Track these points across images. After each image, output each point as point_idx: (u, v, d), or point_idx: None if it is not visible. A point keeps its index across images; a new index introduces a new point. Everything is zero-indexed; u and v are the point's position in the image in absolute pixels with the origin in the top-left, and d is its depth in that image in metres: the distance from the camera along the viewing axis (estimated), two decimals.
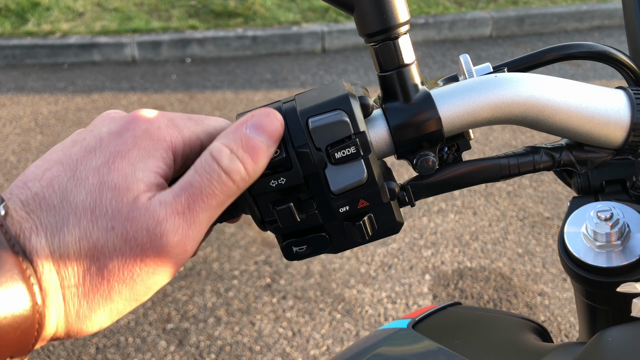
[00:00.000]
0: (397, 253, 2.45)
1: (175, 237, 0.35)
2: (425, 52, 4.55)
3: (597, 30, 4.89)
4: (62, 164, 0.36)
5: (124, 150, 0.36)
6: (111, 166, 0.36)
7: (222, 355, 2.00)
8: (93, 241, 0.34)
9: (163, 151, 0.37)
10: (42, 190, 0.35)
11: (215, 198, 0.36)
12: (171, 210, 0.35)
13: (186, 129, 0.39)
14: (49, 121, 3.66)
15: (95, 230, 0.34)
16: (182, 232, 0.35)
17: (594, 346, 0.47)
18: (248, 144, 0.37)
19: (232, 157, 0.36)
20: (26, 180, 0.36)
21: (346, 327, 2.09)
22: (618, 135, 0.43)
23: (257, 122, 0.38)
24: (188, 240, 0.36)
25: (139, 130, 0.37)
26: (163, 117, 0.39)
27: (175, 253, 0.35)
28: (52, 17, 4.76)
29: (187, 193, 0.36)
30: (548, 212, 2.67)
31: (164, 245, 0.35)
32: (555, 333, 2.06)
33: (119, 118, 0.39)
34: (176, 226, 0.35)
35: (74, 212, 0.34)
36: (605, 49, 0.49)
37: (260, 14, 4.82)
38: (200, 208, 0.36)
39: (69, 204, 0.34)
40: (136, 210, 0.34)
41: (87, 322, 0.35)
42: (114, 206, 0.34)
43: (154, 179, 0.36)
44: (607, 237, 0.56)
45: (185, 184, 0.36)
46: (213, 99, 3.90)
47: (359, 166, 0.38)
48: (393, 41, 0.41)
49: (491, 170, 0.44)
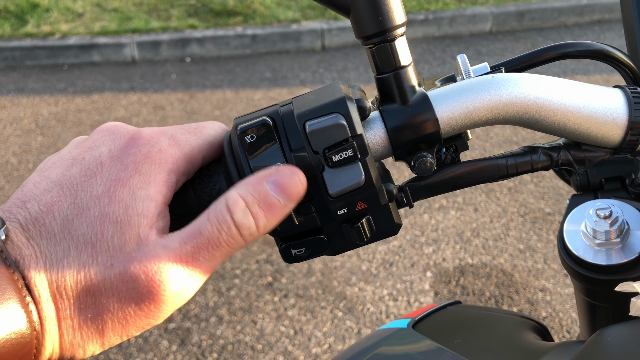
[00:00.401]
0: (398, 250, 2.45)
1: (174, 286, 0.35)
2: (425, 48, 4.55)
3: (597, 25, 4.88)
4: (61, 187, 0.36)
5: (125, 177, 0.36)
6: (112, 196, 0.35)
7: (224, 354, 2.01)
8: (91, 276, 0.34)
9: (165, 174, 0.37)
10: (42, 215, 0.35)
11: (221, 250, 0.36)
12: (174, 256, 0.34)
13: (187, 145, 0.39)
14: (50, 122, 3.66)
15: (94, 265, 0.34)
16: (182, 282, 0.35)
17: (593, 345, 0.47)
18: (266, 200, 0.36)
19: (246, 211, 0.36)
20: (25, 200, 0.36)
21: (348, 325, 2.09)
22: (616, 135, 0.43)
23: (280, 180, 0.37)
24: (186, 290, 0.35)
25: (139, 154, 0.37)
26: (164, 137, 0.38)
27: (172, 301, 0.35)
28: (52, 18, 4.76)
29: (194, 241, 0.35)
30: (549, 208, 2.67)
31: (162, 293, 0.34)
32: (557, 329, 2.07)
33: (120, 137, 0.38)
34: (177, 275, 0.35)
35: (75, 244, 0.34)
36: (602, 47, 0.49)
37: (259, 13, 4.81)
38: (204, 258, 0.35)
39: (69, 235, 0.34)
40: (138, 251, 0.34)
41: (80, 350, 0.35)
42: (115, 243, 0.34)
43: (154, 209, 0.36)
44: (606, 235, 0.56)
45: (194, 232, 0.35)
46: (213, 98, 3.89)
47: (357, 169, 0.38)
48: (389, 43, 0.41)
49: (489, 171, 0.44)
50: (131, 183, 0.36)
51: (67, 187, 0.36)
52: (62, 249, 0.34)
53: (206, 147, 0.40)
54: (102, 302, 0.34)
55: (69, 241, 0.34)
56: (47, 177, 0.37)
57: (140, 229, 0.35)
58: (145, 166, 0.36)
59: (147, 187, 0.36)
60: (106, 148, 0.38)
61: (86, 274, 0.34)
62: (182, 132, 0.40)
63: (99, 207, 0.35)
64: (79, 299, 0.34)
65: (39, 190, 0.36)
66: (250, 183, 0.37)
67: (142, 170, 0.36)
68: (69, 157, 0.38)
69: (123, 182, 0.36)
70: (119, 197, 0.35)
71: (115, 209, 0.35)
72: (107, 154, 0.37)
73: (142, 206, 0.35)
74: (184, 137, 0.39)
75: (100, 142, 0.38)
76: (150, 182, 0.36)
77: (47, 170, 0.37)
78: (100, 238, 0.34)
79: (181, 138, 0.39)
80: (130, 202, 0.35)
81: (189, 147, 0.39)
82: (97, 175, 0.36)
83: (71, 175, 0.36)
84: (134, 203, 0.35)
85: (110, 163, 0.37)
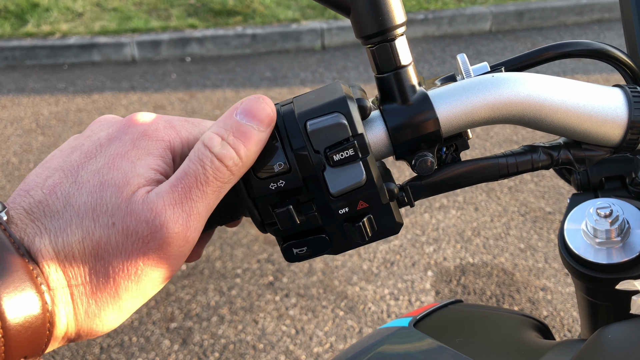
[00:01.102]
0: (399, 250, 2.45)
1: (176, 227, 0.35)
2: (425, 47, 4.54)
3: (597, 24, 4.88)
4: (63, 170, 0.37)
5: (123, 151, 0.37)
6: (111, 166, 0.36)
7: (225, 353, 2.01)
8: (96, 239, 0.34)
9: (162, 150, 0.38)
10: (45, 197, 0.35)
11: (211, 185, 0.36)
12: (169, 200, 0.35)
13: (184, 130, 0.40)
14: (50, 122, 3.66)
15: (97, 228, 0.34)
16: (181, 222, 0.35)
17: (593, 343, 0.47)
18: (239, 130, 0.37)
19: (223, 143, 0.37)
20: (28, 189, 0.36)
21: (349, 324, 2.10)
22: (616, 134, 0.43)
23: (246, 107, 0.38)
24: (189, 230, 0.36)
25: (136, 132, 0.38)
26: (160, 119, 0.40)
27: (177, 244, 0.35)
28: (52, 17, 4.76)
29: (182, 183, 0.36)
30: (550, 207, 2.67)
31: (165, 236, 0.35)
32: (558, 328, 2.07)
33: (116, 122, 0.40)
34: (175, 216, 0.35)
35: (76, 213, 0.35)
36: (602, 46, 0.49)
37: (259, 12, 4.81)
38: (196, 196, 0.36)
39: (71, 207, 0.35)
40: (134, 204, 0.35)
41: (97, 320, 0.35)
42: (113, 202, 0.35)
43: (153, 175, 0.37)
44: (607, 234, 0.56)
45: (180, 174, 0.36)
46: (213, 97, 3.90)
47: (358, 168, 0.39)
48: (390, 43, 0.41)
49: (490, 170, 0.44)
50: (130, 155, 0.37)
51: (69, 169, 0.37)
52: (65, 220, 0.35)
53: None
54: (112, 262, 0.35)
55: (71, 212, 0.35)
56: (49, 167, 0.37)
57: (138, 187, 0.36)
58: (143, 141, 0.38)
59: (145, 158, 0.37)
60: (104, 133, 0.39)
61: (91, 237, 0.34)
62: (180, 120, 0.41)
63: (98, 177, 0.36)
64: (88, 264, 0.34)
65: (41, 179, 0.37)
66: (220, 120, 0.38)
67: (140, 145, 0.37)
68: (69, 147, 0.39)
69: (122, 155, 0.37)
70: (118, 166, 0.36)
71: (115, 175, 0.36)
72: (105, 137, 0.38)
73: (141, 170, 0.36)
74: (181, 123, 0.40)
75: (98, 129, 0.40)
76: (149, 154, 0.37)
77: (48, 162, 0.38)
78: (100, 202, 0.35)
79: (177, 123, 0.40)
80: (130, 168, 0.36)
81: (185, 132, 0.40)
82: (97, 154, 0.37)
83: (72, 159, 0.37)
84: (133, 168, 0.36)
85: (108, 143, 0.38)
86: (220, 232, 2.60)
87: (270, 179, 0.39)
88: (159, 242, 0.35)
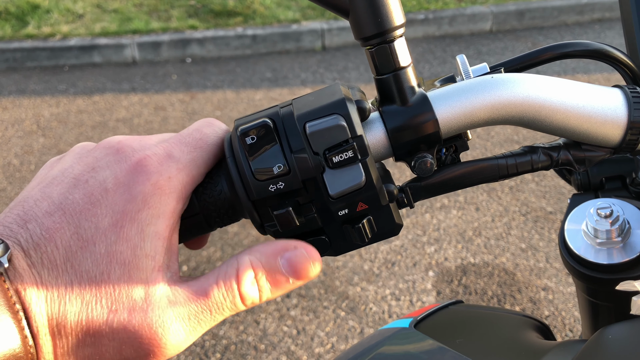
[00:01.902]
0: (400, 250, 2.45)
1: (174, 341, 0.35)
2: (426, 47, 4.54)
3: (597, 23, 4.87)
4: (64, 211, 0.35)
5: (133, 210, 0.35)
6: (119, 232, 0.35)
7: (227, 354, 2.01)
8: (93, 318, 0.34)
9: (174, 203, 0.37)
10: (44, 242, 0.34)
11: (222, 314, 0.36)
12: (179, 315, 0.35)
13: (193, 166, 0.38)
14: (51, 124, 3.66)
15: (97, 307, 0.34)
16: (181, 338, 0.35)
17: (594, 344, 0.47)
18: (274, 276, 0.37)
19: (254, 282, 0.36)
20: (26, 219, 0.34)
21: (350, 325, 2.10)
22: (615, 134, 0.43)
23: (294, 260, 0.37)
24: (183, 344, 0.36)
25: (148, 184, 0.36)
26: (172, 162, 0.37)
27: (168, 354, 0.35)
28: (52, 19, 4.76)
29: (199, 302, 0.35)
30: (551, 207, 2.67)
31: (162, 347, 0.35)
32: (559, 328, 2.06)
33: (125, 158, 0.37)
34: (178, 332, 0.35)
35: (78, 280, 0.34)
36: (602, 47, 0.49)
37: (259, 13, 4.81)
38: (205, 319, 0.36)
39: (72, 269, 0.34)
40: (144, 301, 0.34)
41: None
42: (121, 287, 0.34)
43: (161, 249, 0.35)
44: (607, 234, 0.56)
45: (201, 291, 0.36)
46: (214, 98, 3.90)
47: (357, 170, 0.39)
48: (389, 44, 0.41)
49: (489, 171, 0.44)
50: (139, 218, 0.35)
51: (70, 213, 0.35)
52: (64, 282, 0.33)
53: (210, 159, 0.40)
54: (102, 343, 0.34)
55: (72, 275, 0.34)
56: (49, 196, 0.35)
57: (148, 273, 0.35)
58: (155, 198, 0.36)
59: (155, 223, 0.35)
60: (110, 172, 0.36)
61: (88, 314, 0.33)
62: (189, 150, 0.39)
63: (105, 243, 0.34)
64: (78, 337, 0.33)
65: (41, 211, 0.35)
66: (265, 253, 0.37)
67: (151, 202, 0.35)
68: (71, 175, 0.37)
69: (131, 217, 0.35)
70: (126, 235, 0.34)
71: (123, 249, 0.34)
72: (112, 180, 0.36)
73: (150, 246, 0.35)
74: (190, 155, 0.39)
75: (104, 162, 0.37)
76: (159, 215, 0.36)
77: (47, 186, 0.36)
78: (106, 279, 0.34)
79: (187, 158, 0.38)
80: (139, 242, 0.35)
81: (195, 167, 0.39)
82: (102, 203, 0.35)
83: (73, 199, 0.35)
84: (142, 243, 0.35)
85: (115, 190, 0.36)
86: (222, 233, 2.60)
87: (270, 181, 0.39)
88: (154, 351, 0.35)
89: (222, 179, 0.41)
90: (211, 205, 0.41)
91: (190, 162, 0.38)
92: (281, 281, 0.37)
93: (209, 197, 0.41)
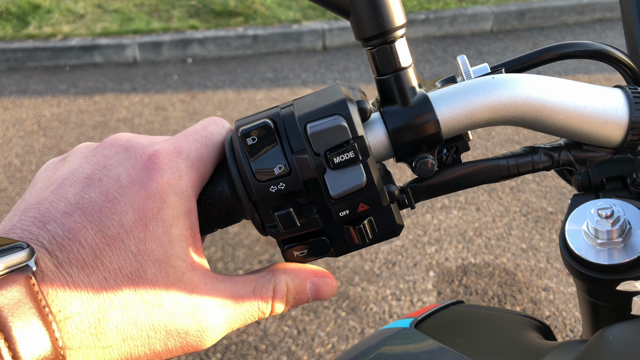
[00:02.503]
0: (401, 250, 2.45)
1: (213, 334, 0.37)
2: (427, 48, 4.54)
3: (598, 23, 4.87)
4: (82, 210, 0.34)
5: (154, 209, 0.35)
6: (146, 231, 0.35)
7: (227, 354, 2.01)
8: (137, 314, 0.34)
9: (189, 203, 0.37)
10: (68, 242, 0.33)
11: (252, 319, 0.39)
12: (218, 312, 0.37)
13: (201, 163, 0.39)
14: (52, 124, 3.67)
15: (139, 303, 0.34)
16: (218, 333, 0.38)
17: (595, 344, 0.47)
18: (301, 296, 0.41)
19: (284, 299, 0.40)
20: (44, 221, 0.34)
21: (351, 325, 2.10)
22: (617, 135, 0.43)
23: (319, 285, 0.42)
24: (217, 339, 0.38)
25: (162, 181, 0.36)
26: (181, 159, 0.38)
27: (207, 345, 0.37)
28: (53, 19, 4.76)
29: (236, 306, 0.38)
30: (551, 207, 2.67)
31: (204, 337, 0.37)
32: (560, 328, 2.06)
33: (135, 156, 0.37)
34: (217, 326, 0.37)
35: (112, 276, 0.33)
36: (602, 47, 0.49)
37: (260, 13, 4.82)
38: (237, 321, 0.39)
39: (103, 266, 0.33)
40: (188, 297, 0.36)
41: None
42: (159, 283, 0.35)
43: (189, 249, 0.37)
44: (608, 235, 0.56)
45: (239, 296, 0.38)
46: (215, 98, 3.90)
47: (358, 170, 0.39)
48: (390, 45, 0.41)
49: (490, 172, 0.44)
50: (162, 218, 0.35)
51: (89, 211, 0.34)
52: (98, 279, 0.33)
53: (216, 157, 0.40)
54: (147, 336, 0.34)
55: (105, 273, 0.33)
56: (64, 197, 0.35)
57: (183, 271, 0.36)
58: (171, 197, 0.36)
59: (177, 224, 0.36)
60: (123, 169, 0.36)
61: (131, 310, 0.34)
62: (196, 147, 0.39)
63: (134, 241, 0.34)
64: (121, 333, 0.34)
65: (58, 212, 0.34)
66: (298, 277, 0.41)
67: (169, 202, 0.36)
68: (83, 174, 0.36)
69: (154, 216, 0.35)
70: (152, 234, 0.35)
71: (154, 248, 0.35)
72: (126, 176, 0.36)
73: (178, 248, 0.36)
74: (198, 152, 0.39)
75: (115, 160, 0.37)
76: (179, 216, 0.36)
77: (60, 187, 0.36)
78: (143, 276, 0.34)
79: (195, 155, 0.39)
80: (167, 243, 0.35)
81: (203, 165, 0.39)
82: (120, 200, 0.35)
83: (90, 198, 0.35)
84: (171, 244, 0.35)
85: (131, 187, 0.36)
86: (222, 234, 2.60)
87: (271, 181, 0.39)
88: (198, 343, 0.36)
89: (223, 179, 0.41)
90: (212, 206, 0.41)
91: (198, 159, 0.39)
92: (303, 300, 0.41)
93: (210, 197, 0.41)
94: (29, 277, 0.30)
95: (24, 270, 0.30)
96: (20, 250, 0.30)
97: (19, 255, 0.30)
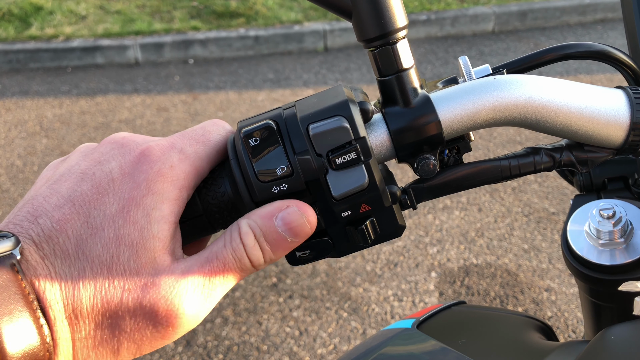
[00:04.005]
0: (402, 251, 2.45)
1: (192, 310, 0.36)
2: (428, 48, 4.54)
3: (600, 24, 4.87)
4: (73, 203, 0.36)
5: (138, 196, 0.36)
6: (126, 217, 0.35)
7: (229, 355, 2.01)
8: (108, 299, 0.34)
9: (177, 191, 0.37)
10: (55, 233, 0.35)
11: (234, 275, 0.37)
12: (192, 284, 0.36)
13: (197, 158, 0.39)
14: (54, 125, 3.67)
15: (111, 288, 0.34)
16: (197, 306, 0.36)
17: (597, 344, 0.47)
18: (273, 237, 0.38)
19: (255, 243, 0.37)
20: (36, 215, 0.35)
21: (353, 326, 2.10)
22: (618, 135, 0.43)
23: (288, 218, 0.38)
24: (201, 312, 0.36)
25: (151, 172, 0.37)
26: (174, 152, 0.38)
27: (188, 324, 0.36)
28: (55, 21, 4.77)
29: (211, 265, 0.36)
30: (553, 208, 2.67)
31: (179, 317, 0.35)
32: (562, 329, 2.06)
33: (129, 151, 0.38)
34: (193, 300, 0.36)
35: (90, 265, 0.34)
36: (604, 48, 0.49)
37: (262, 14, 4.82)
38: (219, 282, 0.37)
39: (84, 256, 0.35)
40: (156, 276, 0.35)
41: None
42: (131, 266, 0.35)
43: (167, 231, 0.36)
44: (610, 235, 0.56)
45: (211, 256, 0.37)
46: (216, 99, 3.90)
47: (360, 171, 0.39)
48: (391, 46, 0.41)
49: (492, 172, 0.44)
50: (144, 203, 0.36)
51: (79, 204, 0.36)
52: (77, 269, 0.34)
53: (213, 155, 0.40)
54: (119, 324, 0.35)
55: (84, 262, 0.34)
56: (57, 192, 0.36)
57: (156, 253, 0.35)
58: (158, 184, 0.37)
59: (160, 207, 0.36)
60: (116, 163, 0.38)
61: (103, 296, 0.34)
62: (191, 143, 0.40)
63: (113, 228, 0.35)
64: (95, 320, 0.34)
65: (50, 206, 0.36)
66: (261, 216, 0.38)
67: (155, 189, 0.36)
68: (78, 170, 0.38)
69: (137, 202, 0.36)
70: (133, 219, 0.35)
71: (130, 231, 0.35)
72: (117, 170, 0.37)
73: (156, 228, 0.36)
74: (193, 148, 0.39)
75: (110, 156, 0.38)
76: (164, 200, 0.37)
77: (56, 183, 0.37)
78: (117, 261, 0.35)
79: (190, 150, 0.39)
80: (145, 224, 0.36)
81: (198, 159, 0.39)
82: (109, 192, 0.36)
83: (82, 191, 0.36)
84: (149, 225, 0.36)
85: (121, 180, 0.37)
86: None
87: (273, 182, 0.39)
88: (172, 322, 0.35)
89: (226, 180, 0.41)
90: (214, 207, 0.41)
91: (193, 154, 0.39)
92: (279, 240, 0.38)
93: (212, 198, 0.41)
94: (13, 264, 0.32)
95: (8, 257, 0.32)
96: (4, 239, 0.32)
97: (2, 245, 0.32)
